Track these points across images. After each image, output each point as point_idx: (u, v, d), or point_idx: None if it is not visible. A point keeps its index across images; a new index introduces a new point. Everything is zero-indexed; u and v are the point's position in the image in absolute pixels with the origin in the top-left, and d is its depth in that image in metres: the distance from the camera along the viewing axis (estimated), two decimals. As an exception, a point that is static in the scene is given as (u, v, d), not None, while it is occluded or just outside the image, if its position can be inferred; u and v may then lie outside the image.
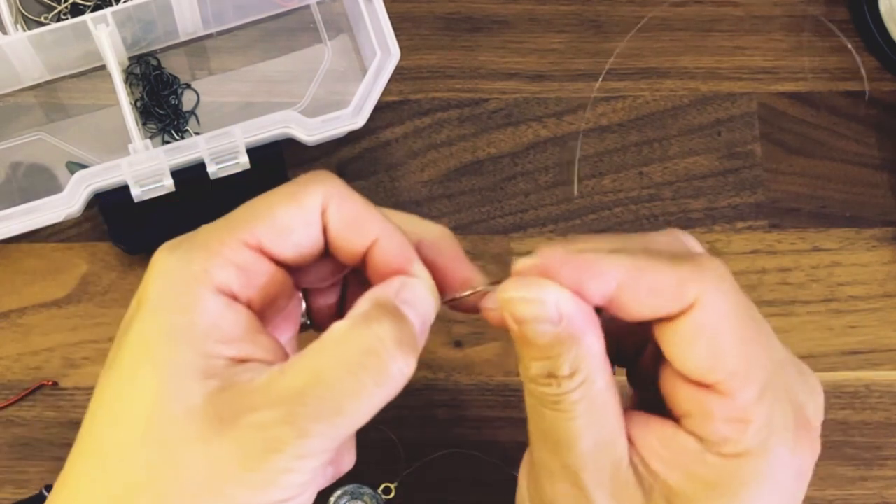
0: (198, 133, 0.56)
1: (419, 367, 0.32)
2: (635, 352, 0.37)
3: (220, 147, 0.52)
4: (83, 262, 0.55)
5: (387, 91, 0.54)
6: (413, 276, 0.34)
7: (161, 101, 0.57)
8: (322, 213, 0.34)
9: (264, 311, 0.34)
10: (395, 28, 0.54)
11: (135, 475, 0.30)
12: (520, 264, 0.32)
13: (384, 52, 0.54)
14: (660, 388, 0.34)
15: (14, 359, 0.54)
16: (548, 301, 0.31)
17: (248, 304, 0.33)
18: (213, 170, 0.52)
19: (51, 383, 0.53)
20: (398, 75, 0.56)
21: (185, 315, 0.32)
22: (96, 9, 0.56)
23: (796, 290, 0.57)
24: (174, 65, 0.58)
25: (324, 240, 0.34)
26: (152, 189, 0.51)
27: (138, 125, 0.54)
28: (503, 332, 0.33)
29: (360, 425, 0.32)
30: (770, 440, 0.31)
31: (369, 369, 0.31)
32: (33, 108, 0.57)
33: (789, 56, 0.60)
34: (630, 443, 0.33)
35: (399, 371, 0.32)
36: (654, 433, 0.33)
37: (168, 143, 0.56)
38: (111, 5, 0.55)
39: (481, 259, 0.56)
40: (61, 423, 0.53)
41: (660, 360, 0.34)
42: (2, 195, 0.55)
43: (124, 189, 0.51)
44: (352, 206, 0.34)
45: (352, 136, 0.56)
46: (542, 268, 0.31)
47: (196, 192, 0.52)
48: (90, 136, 0.56)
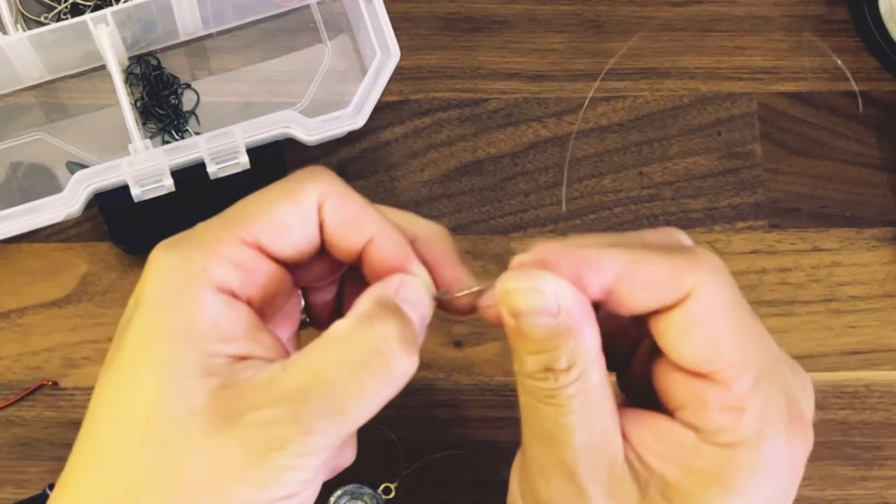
0: (198, 133, 0.56)
1: (419, 367, 0.32)
2: (627, 354, 0.37)
3: (220, 147, 0.52)
4: (83, 262, 0.55)
5: (387, 91, 0.54)
6: (411, 273, 0.34)
7: (161, 101, 0.57)
8: (318, 210, 0.34)
9: (264, 308, 0.34)
10: (395, 28, 0.54)
11: (135, 476, 0.30)
12: (518, 259, 0.32)
13: (384, 52, 0.54)
14: (654, 384, 0.34)
15: (14, 359, 0.54)
16: (547, 291, 0.31)
17: (248, 302, 0.33)
18: (213, 170, 0.52)
19: (51, 383, 0.53)
20: (398, 75, 0.56)
21: (184, 314, 0.32)
22: (96, 9, 0.56)
23: (796, 290, 0.57)
24: (174, 65, 0.58)
25: (320, 237, 0.34)
26: (152, 189, 0.51)
27: (138, 125, 0.54)
28: (503, 332, 0.33)
29: (362, 423, 0.32)
30: (765, 430, 0.31)
31: (373, 368, 0.31)
32: (33, 108, 0.57)
33: (789, 56, 0.60)
34: (624, 439, 0.33)
35: (403, 369, 0.32)
36: (649, 428, 0.33)
37: (168, 143, 0.56)
38: (111, 5, 0.55)
39: (481, 259, 0.56)
40: (61, 423, 0.53)
41: (654, 357, 0.34)
42: (2, 195, 0.55)
43: (124, 189, 0.51)
44: (348, 203, 0.34)
45: (352, 136, 0.56)
46: (541, 262, 0.31)
47: (196, 192, 0.52)
48: (90, 136, 0.56)
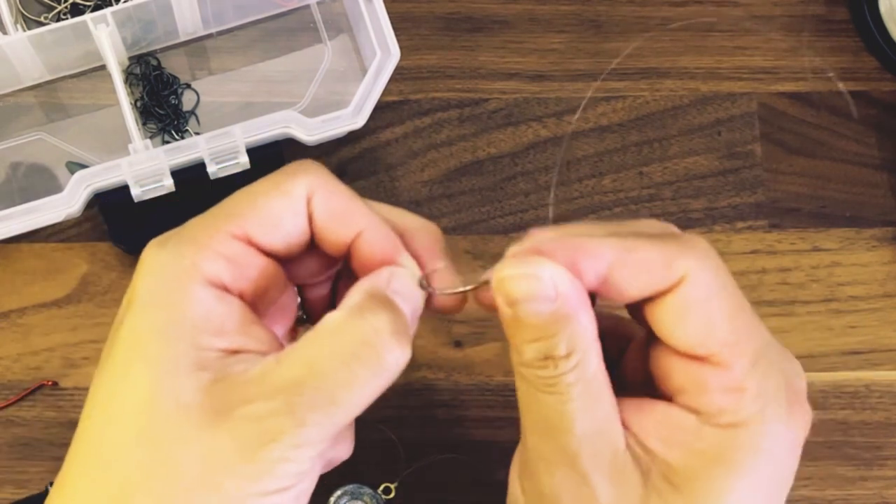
0: (198, 133, 0.56)
1: (419, 368, 0.32)
2: (617, 354, 0.37)
3: (220, 147, 0.52)
4: (83, 262, 0.55)
5: (387, 91, 0.54)
6: (401, 266, 0.34)
7: (161, 101, 0.57)
8: (307, 203, 0.34)
9: (256, 302, 0.34)
10: (395, 28, 0.54)
11: (130, 474, 0.30)
12: (514, 248, 0.32)
13: (384, 52, 0.54)
14: (652, 372, 0.34)
15: (14, 359, 0.54)
16: (544, 277, 0.31)
17: (240, 296, 0.33)
18: (213, 170, 0.52)
19: (51, 383, 0.53)
20: (398, 75, 0.56)
21: (176, 309, 0.32)
22: (96, 9, 0.56)
23: (796, 290, 0.57)
24: (174, 65, 0.58)
25: (310, 230, 0.35)
26: (152, 189, 0.51)
27: (138, 125, 0.54)
28: (503, 332, 0.33)
29: (355, 415, 0.32)
30: (766, 410, 0.32)
31: (364, 360, 0.31)
32: (33, 108, 0.57)
33: (789, 56, 0.60)
34: (624, 427, 0.33)
35: (394, 361, 0.32)
36: (649, 414, 0.33)
37: (168, 143, 0.56)
38: (111, 5, 0.55)
39: (481, 259, 0.56)
40: (61, 423, 0.53)
41: (650, 345, 0.34)
42: (2, 195, 0.55)
43: (124, 189, 0.51)
44: (337, 196, 0.34)
45: (352, 136, 0.56)
46: (536, 251, 0.32)
47: (196, 192, 0.52)
48: (90, 136, 0.56)
